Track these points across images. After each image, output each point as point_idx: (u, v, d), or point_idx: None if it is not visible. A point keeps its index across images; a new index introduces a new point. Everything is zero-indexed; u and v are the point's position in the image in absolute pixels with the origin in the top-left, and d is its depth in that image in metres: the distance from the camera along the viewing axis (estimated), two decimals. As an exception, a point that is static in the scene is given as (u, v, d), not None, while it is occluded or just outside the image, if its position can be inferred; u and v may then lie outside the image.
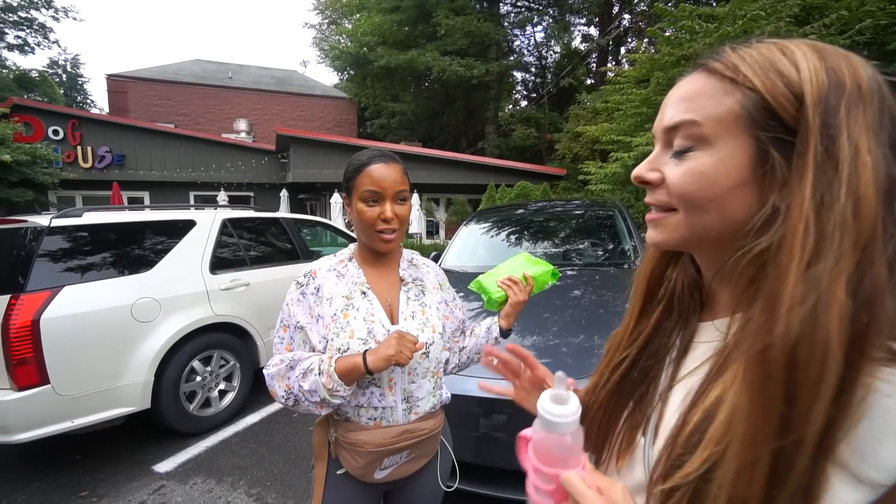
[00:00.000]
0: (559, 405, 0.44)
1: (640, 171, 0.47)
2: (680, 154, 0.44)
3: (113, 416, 2.50)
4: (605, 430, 0.54)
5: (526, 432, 0.48)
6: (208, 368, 2.99)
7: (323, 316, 0.98)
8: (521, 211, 3.97)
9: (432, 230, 12.79)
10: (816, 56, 0.39)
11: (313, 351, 0.98)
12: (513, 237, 3.46)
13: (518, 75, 20.89)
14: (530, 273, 1.07)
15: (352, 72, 18.71)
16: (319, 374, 0.91)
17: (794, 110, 0.38)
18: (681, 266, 0.54)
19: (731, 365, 0.40)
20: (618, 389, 0.54)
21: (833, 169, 0.36)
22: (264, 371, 0.99)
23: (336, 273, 1.02)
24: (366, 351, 0.91)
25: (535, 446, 0.46)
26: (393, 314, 1.01)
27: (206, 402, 3.01)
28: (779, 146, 0.39)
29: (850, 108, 0.37)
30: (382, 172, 0.95)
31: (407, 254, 1.13)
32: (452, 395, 1.18)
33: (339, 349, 0.94)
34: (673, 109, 0.45)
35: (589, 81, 18.46)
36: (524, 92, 22.65)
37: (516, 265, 1.12)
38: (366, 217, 0.95)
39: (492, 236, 3.51)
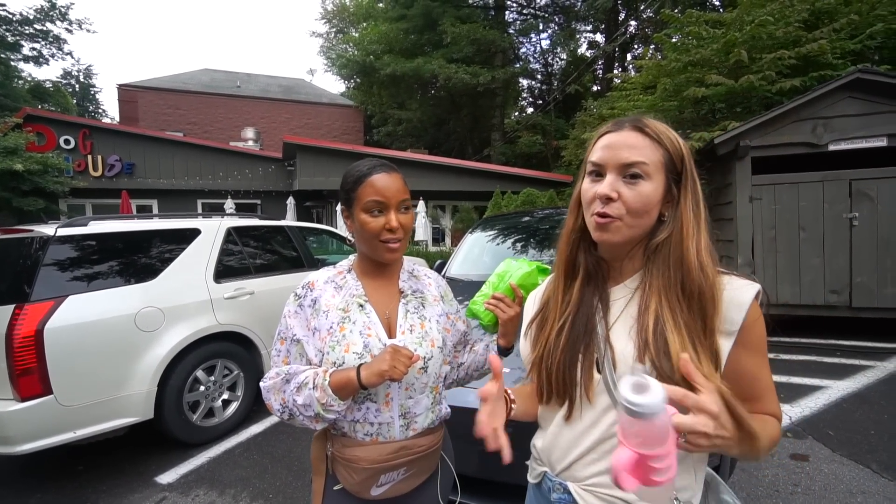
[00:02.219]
0: (642, 394, 0.48)
1: (605, 190, 0.70)
2: (632, 179, 0.70)
3: (116, 426, 2.49)
4: (570, 377, 0.74)
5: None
6: (212, 378, 2.98)
7: (319, 329, 0.97)
8: (527, 218, 3.94)
9: (438, 237, 12.78)
10: (674, 132, 0.73)
11: (310, 364, 0.98)
12: (519, 244, 3.43)
13: (524, 82, 20.98)
14: (515, 281, 1.04)
15: (358, 80, 18.89)
16: (314, 388, 0.90)
17: (680, 164, 0.72)
18: (585, 253, 0.79)
19: (653, 295, 0.70)
20: (569, 346, 0.75)
21: (694, 193, 0.72)
22: (261, 384, 1.00)
23: (334, 285, 1.02)
24: (360, 365, 0.91)
25: (628, 437, 0.50)
26: (391, 327, 1.00)
27: (210, 412, 3.00)
28: (674, 182, 0.72)
29: (692, 163, 0.72)
30: (386, 182, 0.95)
31: (408, 265, 1.12)
32: (454, 407, 1.15)
33: (335, 363, 0.93)
34: (627, 152, 0.70)
35: (595, 88, 18.45)
36: (530, 99, 22.71)
37: (502, 276, 1.08)
38: (370, 227, 0.95)
39: (497, 244, 3.49)
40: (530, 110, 21.98)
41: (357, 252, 1.08)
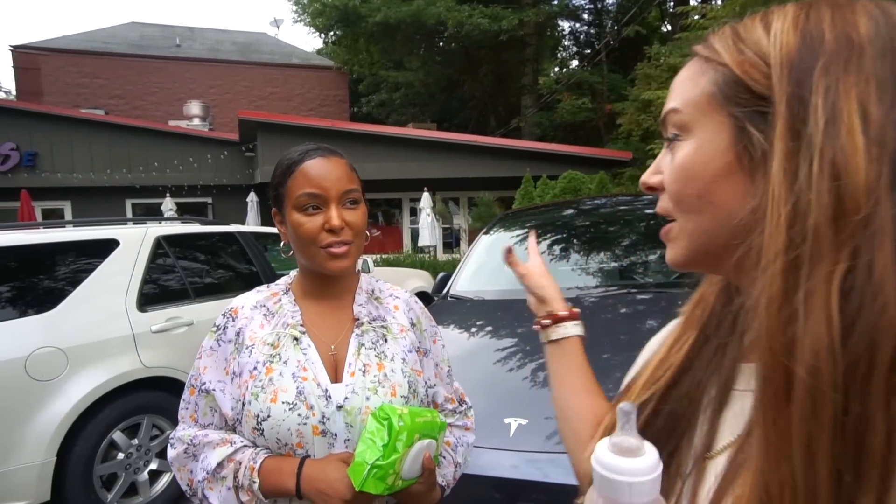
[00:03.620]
0: (622, 456, 0.42)
1: (645, 176, 0.57)
2: (670, 144, 0.54)
3: (-6, 515, 2.50)
4: None
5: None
6: (135, 441, 2.99)
7: (241, 371, 1.00)
8: (567, 212, 3.90)
9: (451, 241, 12.77)
10: (802, 13, 0.46)
11: (225, 421, 1.03)
12: (556, 248, 3.38)
13: (565, 25, 20.97)
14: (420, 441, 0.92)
15: (339, 32, 19.14)
16: (237, 487, 0.94)
17: (765, 78, 0.45)
18: (720, 288, 0.60)
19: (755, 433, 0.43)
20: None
21: (804, 139, 0.41)
22: (168, 447, 1.07)
23: (264, 311, 1.06)
24: (303, 461, 0.92)
25: None
26: (338, 367, 1.02)
27: (132, 489, 2.99)
28: (757, 120, 0.45)
29: (829, 65, 0.42)
30: (322, 168, 0.99)
31: (367, 283, 1.14)
32: (462, 475, 1.15)
33: (258, 416, 0.95)
34: (668, 99, 0.55)
35: (664, 28, 18.33)
36: (574, 48, 22.69)
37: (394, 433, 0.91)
38: (305, 230, 0.98)
39: (526, 248, 3.44)
40: (574, 63, 21.93)
41: (297, 267, 1.11)
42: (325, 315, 1.06)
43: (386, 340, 1.06)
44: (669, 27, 17.86)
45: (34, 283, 2.84)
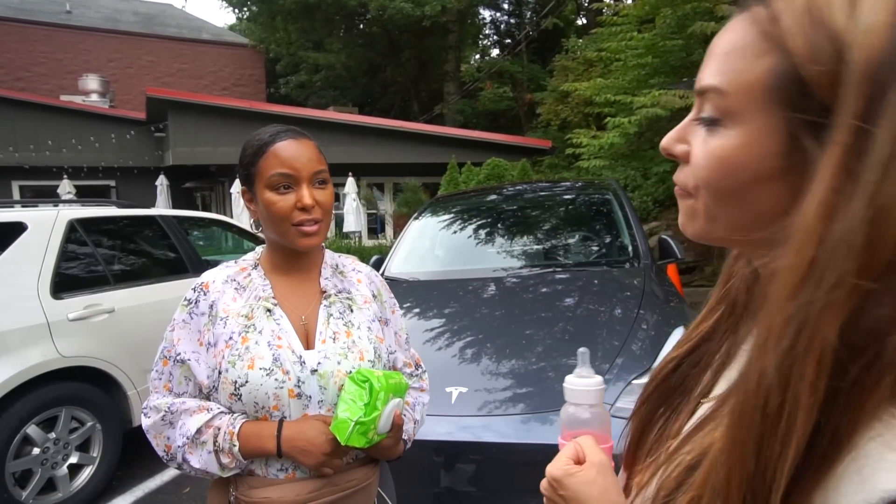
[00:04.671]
0: (581, 379, 0.66)
1: (667, 141, 0.51)
2: (709, 125, 0.45)
3: None
4: (639, 439, 0.64)
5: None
6: (52, 435, 2.87)
7: (216, 342, 1.06)
8: (492, 197, 4.11)
9: (376, 226, 12.76)
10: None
11: (199, 390, 1.08)
12: (482, 232, 3.57)
13: (486, 14, 21.24)
14: (389, 402, 1.04)
15: (255, 8, 18.35)
16: (217, 451, 1.00)
17: (832, 84, 0.35)
18: (747, 264, 0.56)
19: (731, 399, 0.44)
20: (656, 395, 0.64)
21: (859, 176, 0.34)
22: (142, 418, 1.11)
23: (235, 285, 1.11)
24: (281, 423, 1.01)
25: (561, 422, 0.66)
26: (308, 335, 1.09)
27: (49, 485, 2.89)
28: (814, 132, 0.37)
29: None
30: (293, 150, 1.05)
31: (331, 258, 1.21)
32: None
33: (236, 382, 1.02)
34: (709, 67, 0.46)
35: (580, 21, 19.01)
36: (495, 37, 23.06)
37: (371, 394, 1.02)
38: (277, 208, 1.03)
39: (454, 232, 3.62)
40: (495, 52, 22.35)
41: (266, 243, 1.16)
42: (294, 288, 1.13)
43: (352, 311, 1.14)
44: (585, 21, 18.59)
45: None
